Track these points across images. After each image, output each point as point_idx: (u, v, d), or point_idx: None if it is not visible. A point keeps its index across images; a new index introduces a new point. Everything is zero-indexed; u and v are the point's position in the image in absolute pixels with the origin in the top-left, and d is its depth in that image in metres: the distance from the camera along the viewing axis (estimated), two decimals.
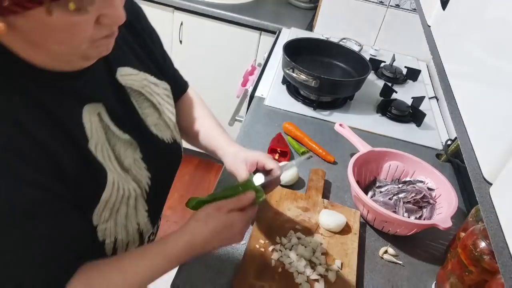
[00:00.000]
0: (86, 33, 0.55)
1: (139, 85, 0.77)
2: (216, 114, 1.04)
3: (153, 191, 0.76)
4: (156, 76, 0.82)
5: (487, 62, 0.60)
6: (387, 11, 1.90)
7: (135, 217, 0.74)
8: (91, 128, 0.64)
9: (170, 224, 2.27)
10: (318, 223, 1.00)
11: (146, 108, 0.78)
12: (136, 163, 0.73)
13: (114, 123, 0.69)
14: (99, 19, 0.55)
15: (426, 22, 0.94)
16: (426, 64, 1.97)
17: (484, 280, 0.80)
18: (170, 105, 0.84)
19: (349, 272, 0.91)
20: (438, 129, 1.50)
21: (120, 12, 0.57)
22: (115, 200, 0.67)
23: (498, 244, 0.43)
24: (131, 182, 0.71)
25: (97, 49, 0.60)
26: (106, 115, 0.68)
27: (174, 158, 0.86)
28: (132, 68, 0.76)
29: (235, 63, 2.15)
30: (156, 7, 2.06)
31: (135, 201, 0.72)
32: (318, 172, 1.15)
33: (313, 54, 1.61)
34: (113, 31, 0.60)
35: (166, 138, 0.81)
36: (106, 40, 0.60)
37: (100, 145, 0.66)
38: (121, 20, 0.58)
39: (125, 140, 0.71)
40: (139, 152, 0.74)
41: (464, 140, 0.57)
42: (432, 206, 1.07)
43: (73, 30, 0.53)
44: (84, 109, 0.64)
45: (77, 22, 0.52)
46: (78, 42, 0.56)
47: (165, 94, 0.83)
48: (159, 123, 0.80)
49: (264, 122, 1.37)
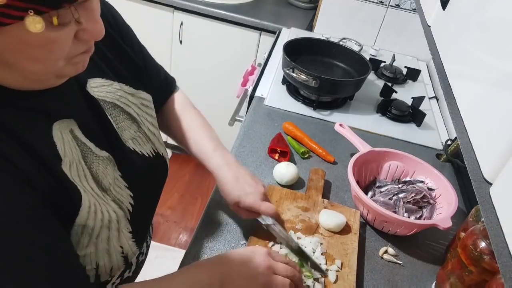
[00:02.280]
0: (64, 50, 0.52)
1: (113, 97, 0.72)
2: (216, 114, 1.05)
3: (137, 210, 0.71)
4: (133, 86, 0.76)
5: (487, 62, 0.60)
6: (387, 11, 1.90)
7: (118, 240, 0.68)
8: (64, 146, 0.60)
9: (170, 224, 2.27)
10: (318, 223, 1.00)
11: (123, 121, 0.73)
12: (116, 182, 0.68)
13: (90, 140, 0.64)
14: (78, 34, 0.52)
15: (426, 22, 0.94)
16: (426, 64, 1.97)
17: (484, 280, 0.80)
18: (149, 116, 0.79)
19: (349, 272, 0.91)
20: (438, 129, 1.50)
21: (101, 26, 0.54)
22: (93, 225, 0.62)
23: (498, 244, 0.43)
24: (111, 204, 0.65)
25: (73, 66, 0.56)
26: (80, 131, 0.63)
27: (158, 172, 0.80)
28: (105, 79, 0.71)
29: (235, 63, 2.15)
30: (156, 7, 2.06)
31: (117, 224, 0.66)
32: (318, 172, 1.15)
33: (313, 54, 1.61)
34: (91, 46, 0.57)
35: (147, 152, 0.76)
36: (83, 56, 0.57)
37: (75, 164, 0.61)
38: (101, 34, 0.55)
39: (103, 158, 0.66)
40: (117, 170, 0.68)
41: (464, 140, 0.57)
42: (432, 206, 1.07)
43: (51, 47, 0.50)
44: (54, 127, 0.59)
45: (56, 38, 0.49)
46: (55, 59, 0.52)
47: (143, 104, 0.78)
48: (138, 136, 0.75)
49: (264, 122, 1.37)
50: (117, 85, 0.73)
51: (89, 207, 0.61)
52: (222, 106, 2.24)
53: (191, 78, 2.28)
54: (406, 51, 1.98)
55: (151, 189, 0.80)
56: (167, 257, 2.07)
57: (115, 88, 0.72)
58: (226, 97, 2.22)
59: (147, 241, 0.86)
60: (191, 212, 2.34)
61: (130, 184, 0.70)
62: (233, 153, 1.21)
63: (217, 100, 2.31)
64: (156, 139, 0.79)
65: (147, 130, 0.77)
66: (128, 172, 0.70)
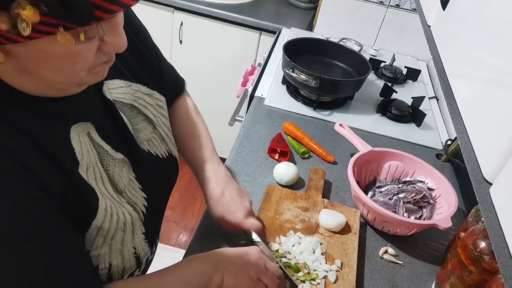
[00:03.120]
0: (87, 61, 0.53)
1: (131, 98, 0.73)
2: (216, 114, 1.05)
3: (150, 211, 0.72)
4: (149, 87, 0.78)
5: (487, 62, 0.60)
6: (387, 11, 1.90)
7: (132, 241, 0.69)
8: (81, 149, 0.61)
9: (170, 224, 2.27)
10: (318, 222, 1.00)
11: (140, 122, 0.74)
12: (131, 184, 0.69)
13: (106, 142, 0.66)
14: (101, 47, 0.54)
15: (426, 22, 0.94)
16: (426, 64, 1.97)
17: (484, 280, 0.80)
18: (164, 117, 0.80)
19: (349, 272, 0.91)
20: (438, 129, 1.50)
21: (124, 40, 0.56)
22: (109, 227, 0.63)
23: (498, 244, 0.43)
24: (126, 206, 0.66)
25: (94, 75, 0.58)
26: (96, 134, 0.64)
27: (170, 173, 0.82)
28: (123, 80, 0.72)
29: (235, 63, 2.15)
30: (156, 7, 2.06)
31: (132, 226, 0.68)
32: (318, 171, 1.15)
33: (313, 54, 1.61)
34: (112, 57, 0.58)
35: (161, 153, 0.77)
36: (104, 66, 0.58)
37: (92, 167, 0.62)
38: (124, 47, 0.56)
39: (119, 160, 0.67)
40: (132, 172, 0.70)
41: (464, 140, 0.57)
42: (432, 206, 1.07)
43: (74, 59, 0.51)
44: (72, 130, 0.60)
45: (81, 51, 0.51)
46: (78, 70, 0.54)
47: (158, 105, 0.79)
48: (154, 137, 0.76)
49: (264, 122, 1.37)
50: (135, 86, 0.74)
51: (105, 209, 0.62)
52: (222, 106, 2.24)
53: (191, 78, 2.27)
54: (406, 51, 1.98)
55: (164, 190, 0.81)
56: (167, 257, 2.06)
57: (133, 89, 0.74)
58: (226, 97, 2.22)
59: (156, 243, 0.87)
60: (191, 212, 2.34)
61: (144, 186, 0.71)
62: (233, 153, 1.22)
63: (217, 100, 2.31)
64: (170, 140, 0.80)
65: (162, 132, 0.78)
66: (143, 174, 0.71)
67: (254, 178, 1.14)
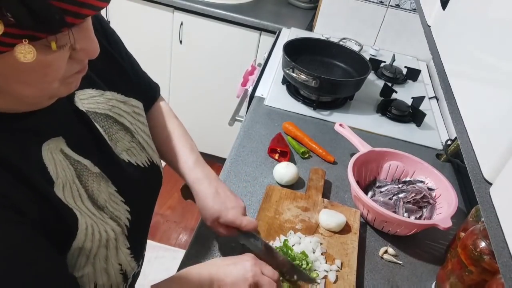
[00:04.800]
0: (59, 72, 0.50)
1: (105, 107, 0.69)
2: (216, 114, 1.04)
3: (134, 224, 0.68)
4: (124, 93, 0.74)
5: (487, 62, 0.60)
6: (387, 11, 1.90)
7: (116, 258, 0.65)
8: (56, 168, 0.57)
9: (170, 224, 2.27)
10: (318, 222, 1.00)
11: (116, 132, 0.70)
12: (112, 198, 0.65)
13: (84, 156, 0.62)
14: (73, 55, 0.50)
15: (426, 22, 0.94)
16: (426, 64, 1.97)
17: (484, 280, 0.80)
18: (142, 124, 0.77)
19: (349, 271, 0.91)
20: (438, 129, 1.50)
21: (96, 44, 0.52)
22: (91, 246, 0.60)
23: (498, 244, 0.43)
24: (108, 222, 0.63)
25: (67, 86, 0.54)
26: (69, 149, 0.60)
27: (154, 181, 0.78)
28: (95, 89, 0.68)
29: (235, 63, 2.15)
30: (156, 7, 2.06)
31: (115, 242, 0.64)
32: (318, 171, 1.15)
33: (313, 54, 1.61)
34: (85, 65, 0.55)
35: (142, 162, 0.74)
36: (77, 76, 0.55)
37: (69, 184, 0.58)
38: (96, 53, 0.53)
39: (96, 174, 0.63)
40: (112, 185, 0.66)
41: (464, 140, 0.57)
42: (432, 206, 1.07)
43: (46, 71, 0.48)
44: (43, 148, 0.56)
45: (52, 61, 0.47)
46: (50, 82, 0.50)
47: (135, 112, 0.75)
48: (133, 146, 0.73)
49: (264, 122, 1.37)
50: (109, 95, 0.70)
51: (86, 229, 0.59)
52: (222, 106, 2.24)
53: (191, 78, 2.28)
54: (406, 51, 1.98)
55: (148, 200, 0.78)
56: (167, 257, 2.07)
57: (107, 98, 0.70)
58: (226, 97, 2.22)
59: (143, 256, 0.83)
60: (191, 212, 2.34)
61: (127, 198, 0.68)
62: (233, 153, 1.22)
63: (217, 100, 2.31)
64: (150, 147, 0.77)
65: (141, 139, 0.75)
66: (124, 186, 0.68)
67: (254, 178, 1.14)
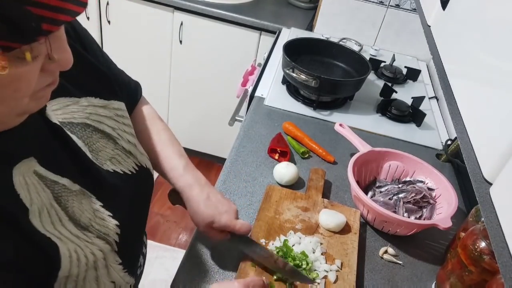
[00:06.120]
0: (31, 86, 0.45)
1: (82, 116, 0.63)
2: (216, 114, 1.04)
3: (125, 238, 0.63)
4: (103, 97, 0.68)
5: (487, 62, 0.60)
6: (387, 11, 1.90)
7: (108, 276, 0.61)
8: (29, 193, 0.51)
9: (170, 224, 2.27)
10: (318, 222, 1.00)
11: (97, 141, 0.64)
12: (98, 214, 0.60)
13: (62, 175, 0.56)
14: (45, 66, 0.45)
15: (426, 22, 0.94)
16: (426, 64, 1.97)
17: (484, 280, 0.80)
18: (126, 125, 0.71)
19: (349, 272, 0.91)
20: (438, 129, 1.50)
21: (69, 54, 0.48)
22: (78, 272, 0.55)
23: (498, 244, 0.43)
24: (95, 241, 0.58)
25: (37, 101, 0.49)
26: (44, 169, 0.54)
27: (144, 187, 0.73)
28: (68, 97, 0.62)
29: (235, 63, 2.15)
30: (156, 7, 2.06)
31: (105, 260, 0.59)
32: (318, 171, 1.15)
33: (313, 54, 1.61)
34: (56, 78, 0.50)
35: (129, 169, 0.68)
36: (47, 89, 0.50)
37: (46, 209, 0.53)
38: (71, 62, 0.48)
39: (77, 192, 0.58)
40: (96, 201, 0.60)
41: (464, 140, 0.57)
42: (432, 206, 1.07)
43: (16, 85, 0.43)
44: (14, 173, 0.50)
45: (24, 74, 0.42)
46: (20, 98, 0.45)
47: (117, 115, 0.70)
48: (117, 154, 0.67)
49: (264, 122, 1.37)
50: (84, 101, 0.65)
51: (69, 256, 0.54)
52: (222, 106, 2.24)
53: (191, 78, 2.28)
54: (406, 51, 1.98)
55: (139, 207, 0.73)
56: (167, 257, 2.07)
57: (83, 105, 0.64)
58: (226, 97, 2.22)
59: (139, 268, 0.78)
60: None
61: (115, 211, 0.62)
62: (233, 153, 1.22)
63: (217, 100, 2.31)
64: (137, 150, 0.72)
65: (126, 144, 0.70)
66: (110, 199, 0.62)
67: (254, 178, 1.14)
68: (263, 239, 0.94)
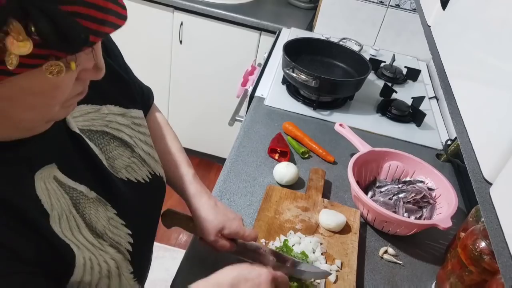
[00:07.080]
0: (65, 94, 0.47)
1: (102, 123, 0.64)
2: (216, 114, 1.04)
3: (137, 246, 0.64)
4: (122, 105, 0.69)
5: (487, 62, 0.60)
6: (387, 11, 1.90)
7: (119, 285, 0.61)
8: (50, 199, 0.53)
9: None
10: (318, 222, 1.00)
11: (114, 149, 0.66)
12: (112, 223, 0.61)
13: (80, 182, 0.57)
14: (80, 75, 0.47)
15: (426, 22, 0.94)
16: (426, 64, 1.97)
17: (484, 280, 0.80)
18: (142, 134, 0.72)
19: (349, 272, 0.91)
20: (438, 129, 1.50)
21: (103, 63, 0.50)
22: (90, 280, 0.56)
23: (498, 244, 0.43)
24: (108, 250, 0.58)
25: (66, 109, 0.51)
26: (64, 175, 0.56)
27: (156, 195, 0.75)
28: (90, 104, 0.63)
29: (235, 63, 2.15)
30: (156, 7, 2.06)
31: (118, 270, 0.60)
32: (318, 171, 1.15)
33: (313, 54, 1.61)
34: (86, 87, 0.52)
35: (143, 178, 0.69)
36: (77, 98, 0.51)
37: (65, 215, 0.54)
38: (103, 72, 0.50)
39: (93, 199, 0.59)
40: (111, 208, 0.61)
41: (464, 140, 0.57)
42: (432, 206, 1.07)
43: (53, 93, 0.45)
44: (36, 178, 0.52)
45: (62, 82, 0.44)
46: (53, 105, 0.47)
47: (134, 123, 0.71)
48: (133, 162, 0.68)
49: (264, 122, 1.37)
50: (105, 109, 0.66)
51: (83, 264, 0.54)
52: (222, 106, 2.24)
53: (191, 78, 2.28)
54: (406, 51, 1.98)
55: (151, 216, 0.74)
56: (167, 257, 2.07)
57: (103, 113, 0.66)
58: (226, 97, 2.22)
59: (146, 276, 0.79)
60: None
61: (128, 220, 0.63)
62: (233, 153, 1.22)
63: (217, 100, 2.31)
64: (152, 158, 0.73)
65: (142, 152, 0.71)
66: (124, 207, 0.63)
67: (254, 178, 1.14)
68: (263, 239, 0.94)
